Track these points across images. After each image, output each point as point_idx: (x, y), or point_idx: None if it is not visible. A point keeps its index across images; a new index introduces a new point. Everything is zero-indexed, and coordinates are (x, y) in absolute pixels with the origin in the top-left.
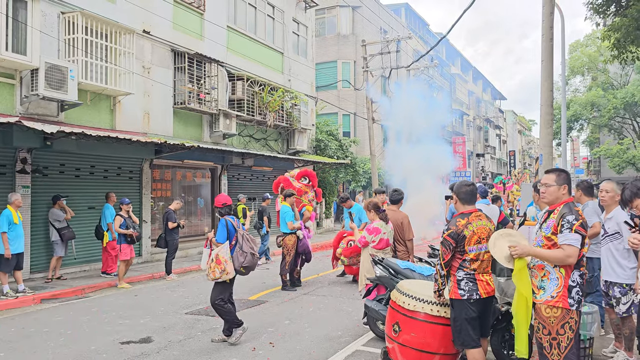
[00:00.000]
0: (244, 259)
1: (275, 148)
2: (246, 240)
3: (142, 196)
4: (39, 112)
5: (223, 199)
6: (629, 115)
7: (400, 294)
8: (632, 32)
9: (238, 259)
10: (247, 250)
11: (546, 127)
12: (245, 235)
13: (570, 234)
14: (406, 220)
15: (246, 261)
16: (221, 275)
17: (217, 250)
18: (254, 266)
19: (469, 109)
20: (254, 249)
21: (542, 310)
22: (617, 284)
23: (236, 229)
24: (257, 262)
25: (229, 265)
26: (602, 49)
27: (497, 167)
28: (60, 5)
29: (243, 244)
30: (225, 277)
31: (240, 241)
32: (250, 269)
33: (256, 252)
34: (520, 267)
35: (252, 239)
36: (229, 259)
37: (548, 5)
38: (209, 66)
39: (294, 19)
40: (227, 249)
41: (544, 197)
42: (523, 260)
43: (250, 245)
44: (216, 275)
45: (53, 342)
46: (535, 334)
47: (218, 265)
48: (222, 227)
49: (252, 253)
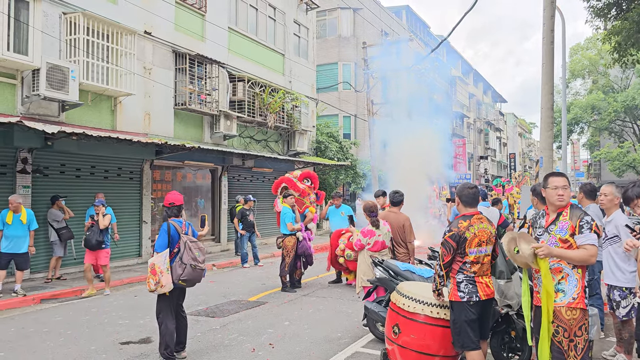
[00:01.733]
0: (182, 271)
1: (275, 149)
2: (188, 250)
3: (143, 197)
4: (40, 113)
5: (171, 198)
6: (629, 119)
7: (400, 295)
8: (632, 36)
9: (176, 270)
10: (187, 262)
11: (547, 130)
12: (189, 243)
13: (591, 233)
14: (408, 222)
15: (185, 274)
16: (156, 287)
17: (153, 259)
18: (195, 279)
19: (470, 112)
20: (197, 260)
21: (562, 313)
22: (616, 287)
23: (180, 235)
24: (200, 274)
25: (164, 277)
26: (602, 52)
27: (498, 170)
28: (62, 5)
29: (184, 253)
30: (161, 290)
31: (181, 250)
32: (192, 282)
33: (200, 263)
34: (546, 271)
35: (198, 247)
36: (165, 270)
37: (549, 9)
38: (210, 67)
39: (295, 20)
40: (165, 259)
41: (563, 199)
42: (546, 262)
43: (193, 255)
44: (150, 287)
45: (53, 342)
46: (554, 337)
47: (153, 276)
48: (162, 232)
49: (193, 265)
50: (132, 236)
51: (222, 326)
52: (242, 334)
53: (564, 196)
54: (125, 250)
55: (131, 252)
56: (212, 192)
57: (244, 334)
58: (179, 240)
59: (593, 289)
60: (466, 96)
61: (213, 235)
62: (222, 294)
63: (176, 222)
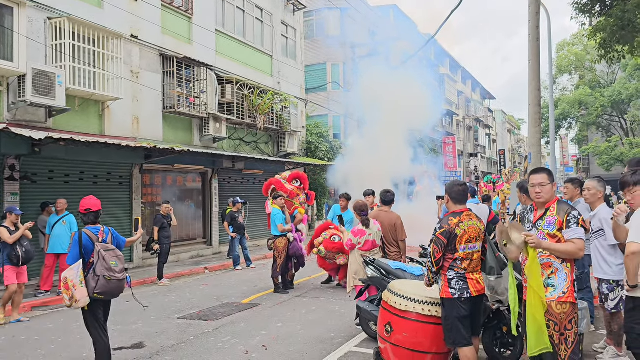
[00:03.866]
0: (95, 283)
1: (265, 151)
2: (102, 260)
3: (133, 201)
4: (26, 119)
5: (87, 203)
6: (616, 113)
7: (392, 294)
8: (617, 32)
9: (90, 283)
10: (100, 273)
11: (535, 126)
12: (103, 252)
13: (578, 228)
14: (399, 221)
15: (98, 286)
16: (71, 303)
17: (65, 272)
18: (113, 291)
19: (459, 109)
20: (113, 270)
21: (552, 307)
22: (604, 280)
23: (95, 244)
24: (118, 285)
25: (78, 291)
26: (588, 48)
27: (488, 167)
28: (47, 11)
29: (97, 264)
30: (77, 306)
31: (95, 261)
32: (110, 294)
33: (116, 273)
34: (533, 257)
35: (116, 255)
36: (79, 284)
37: (534, 5)
38: (198, 70)
39: (282, 21)
40: (78, 272)
41: (541, 196)
42: (534, 252)
43: (107, 265)
44: (65, 303)
45: (44, 350)
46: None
47: (66, 291)
48: (74, 243)
49: (106, 276)
50: None
51: (215, 329)
52: (235, 337)
53: (541, 193)
54: None
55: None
56: (203, 195)
57: (237, 336)
58: (94, 251)
59: (583, 282)
60: (455, 94)
61: (205, 239)
62: (214, 297)
63: (91, 229)
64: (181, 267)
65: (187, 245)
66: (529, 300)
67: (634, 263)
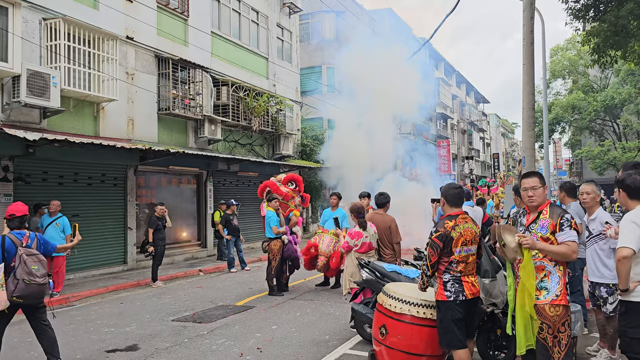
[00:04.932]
0: (14, 287)
1: (260, 153)
2: (23, 264)
3: (127, 203)
4: (21, 119)
5: (12, 209)
6: (609, 118)
7: (387, 296)
8: (611, 37)
9: (9, 286)
10: (20, 277)
11: (528, 130)
12: (25, 256)
13: (571, 230)
14: (394, 224)
15: (17, 290)
16: None
17: None
18: (33, 295)
19: (453, 113)
20: (34, 274)
21: (546, 310)
22: (603, 284)
23: (17, 248)
24: (39, 289)
25: None
26: (582, 53)
27: (482, 170)
28: (42, 11)
29: (18, 268)
30: None
31: (16, 265)
32: (30, 298)
33: (37, 277)
34: (528, 259)
35: (39, 260)
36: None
37: (528, 10)
38: (194, 72)
39: (278, 24)
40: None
41: (533, 200)
42: (529, 254)
43: (28, 269)
44: None
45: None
46: (538, 335)
47: None
48: None
49: (26, 280)
50: (117, 243)
51: (210, 331)
52: (229, 339)
53: (533, 197)
54: (110, 258)
55: (116, 260)
56: (198, 197)
57: (231, 339)
58: (16, 255)
59: (574, 285)
60: (449, 97)
61: (199, 241)
62: (209, 299)
63: (15, 234)
64: (175, 269)
65: (181, 247)
66: (519, 299)
67: (625, 267)
